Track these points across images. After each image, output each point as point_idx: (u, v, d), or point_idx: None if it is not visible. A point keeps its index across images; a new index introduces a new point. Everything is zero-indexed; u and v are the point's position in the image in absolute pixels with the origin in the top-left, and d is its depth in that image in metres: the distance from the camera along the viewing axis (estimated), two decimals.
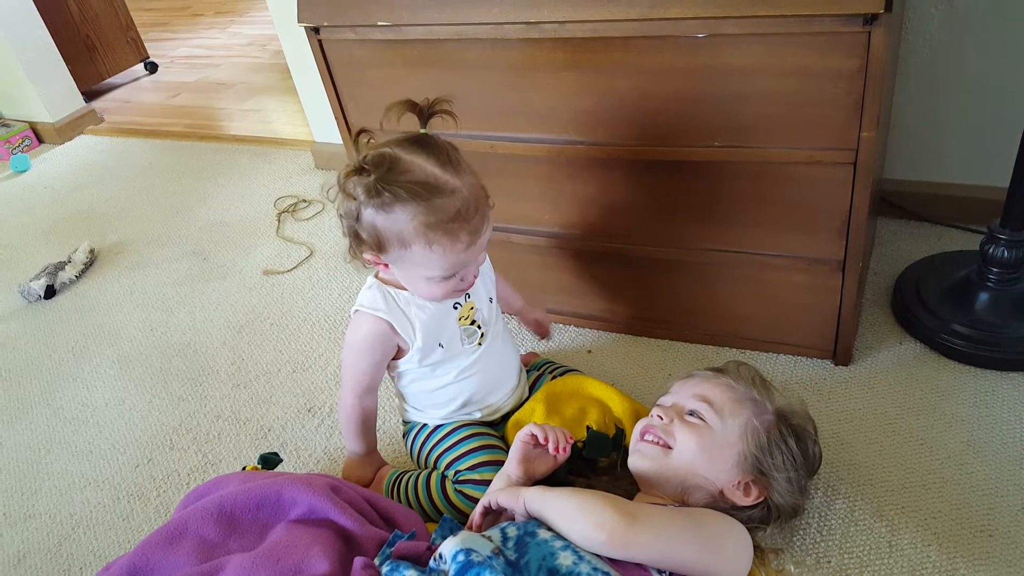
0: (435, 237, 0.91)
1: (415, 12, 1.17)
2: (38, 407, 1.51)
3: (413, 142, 0.93)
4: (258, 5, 4.01)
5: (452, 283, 0.98)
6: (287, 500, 0.93)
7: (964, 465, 1.08)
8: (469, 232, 0.92)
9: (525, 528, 0.84)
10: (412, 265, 0.96)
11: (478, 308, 1.09)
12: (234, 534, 0.92)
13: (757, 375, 1.01)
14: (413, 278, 0.99)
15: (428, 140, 0.94)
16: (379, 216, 0.91)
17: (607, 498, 0.84)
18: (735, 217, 1.18)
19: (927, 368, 1.23)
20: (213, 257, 1.90)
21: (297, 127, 2.52)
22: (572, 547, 0.80)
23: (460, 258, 0.94)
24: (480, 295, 1.10)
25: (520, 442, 0.99)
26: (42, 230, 2.16)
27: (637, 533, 0.80)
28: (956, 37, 1.36)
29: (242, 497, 0.94)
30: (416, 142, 0.93)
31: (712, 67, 1.05)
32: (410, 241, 0.92)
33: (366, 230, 0.93)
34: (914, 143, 1.50)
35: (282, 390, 1.44)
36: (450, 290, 0.99)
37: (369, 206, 0.91)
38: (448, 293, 1.00)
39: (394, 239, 0.92)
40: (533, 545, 0.81)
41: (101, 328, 1.70)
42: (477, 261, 1.00)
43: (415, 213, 0.89)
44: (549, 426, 1.00)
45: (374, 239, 0.93)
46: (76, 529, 1.23)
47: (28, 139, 2.71)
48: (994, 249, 1.22)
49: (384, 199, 0.89)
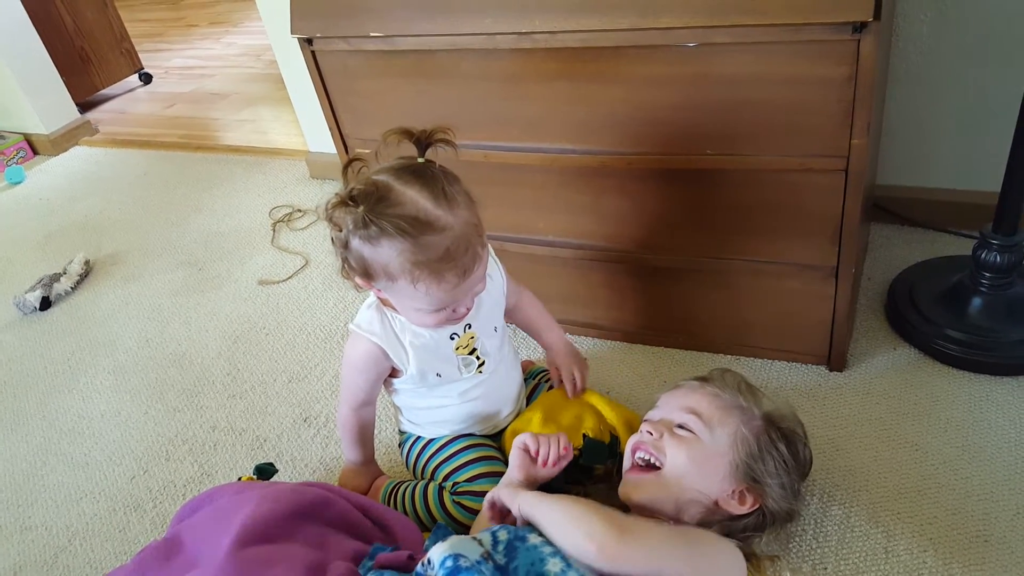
0: (420, 276, 0.88)
1: (407, 23, 1.18)
2: (34, 419, 1.50)
3: (409, 171, 0.90)
4: (252, 16, 4.02)
5: (444, 315, 0.96)
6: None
7: (959, 470, 1.08)
8: (457, 273, 0.89)
9: (516, 533, 0.84)
10: (400, 296, 0.95)
11: (479, 338, 1.06)
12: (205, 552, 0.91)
13: (743, 381, 1.01)
14: (403, 307, 0.98)
15: (425, 171, 0.90)
16: (366, 248, 0.89)
17: (599, 510, 0.83)
18: (728, 225, 1.18)
19: (921, 373, 1.24)
20: (208, 267, 1.90)
21: (291, 137, 2.53)
22: (561, 554, 0.80)
23: (448, 296, 0.92)
24: (483, 325, 1.06)
25: (517, 450, 0.99)
26: (37, 241, 2.16)
27: (628, 547, 0.79)
28: (946, 43, 1.37)
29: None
30: (412, 172, 0.90)
31: (703, 76, 1.05)
32: (396, 276, 0.89)
33: (354, 259, 0.91)
34: (906, 149, 1.51)
35: (278, 400, 1.44)
36: (442, 320, 0.97)
37: (356, 236, 0.88)
38: (440, 323, 0.98)
39: (380, 271, 0.90)
40: (523, 550, 0.81)
41: (96, 339, 1.70)
42: (470, 295, 0.97)
43: (401, 250, 0.87)
44: (544, 436, 1.00)
45: (361, 268, 0.91)
46: (72, 541, 1.22)
47: (23, 151, 2.71)
48: (986, 254, 1.22)
49: (371, 232, 0.86)
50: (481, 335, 1.06)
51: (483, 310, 1.05)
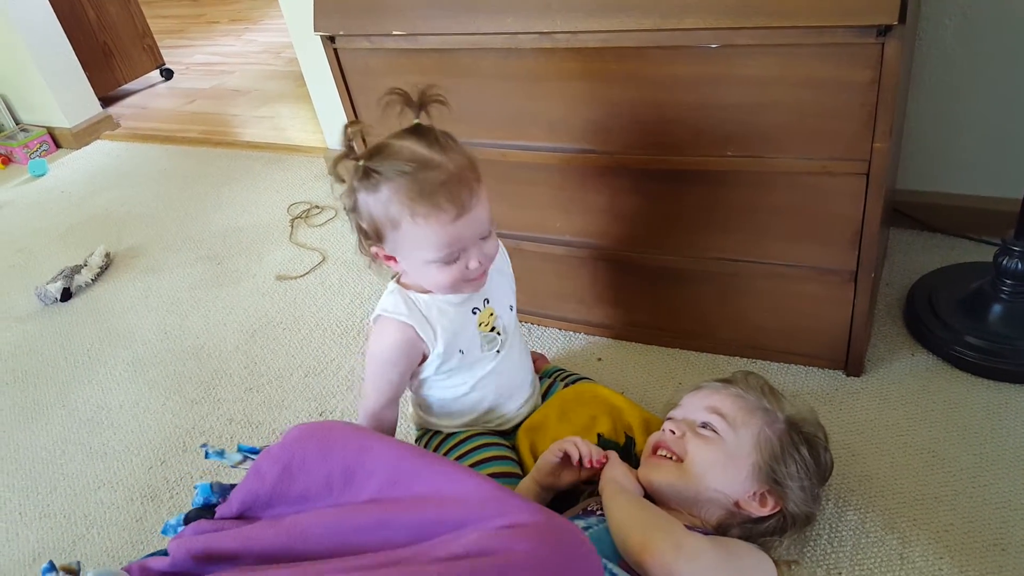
0: (417, 209, 0.90)
1: (429, 22, 1.18)
2: (54, 408, 1.52)
3: (406, 131, 0.95)
4: (272, 13, 4.04)
5: (457, 269, 0.96)
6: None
7: (976, 478, 1.07)
8: (452, 202, 0.90)
9: None
10: (409, 248, 0.95)
11: (498, 315, 1.09)
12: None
13: (766, 384, 1.01)
14: (416, 266, 0.97)
15: (420, 127, 0.95)
16: (370, 199, 0.93)
17: (661, 521, 0.85)
18: (747, 227, 1.18)
19: (939, 380, 1.23)
20: (227, 262, 1.91)
21: (310, 134, 2.54)
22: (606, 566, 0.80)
23: (448, 231, 0.92)
24: (500, 301, 1.09)
25: (551, 456, 1.00)
26: (59, 234, 2.19)
27: (680, 564, 0.80)
28: (969, 47, 1.36)
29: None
30: (408, 131, 0.94)
31: (725, 77, 1.05)
32: (398, 219, 0.92)
33: (364, 219, 0.95)
34: (927, 154, 1.50)
35: (294, 394, 1.45)
36: (457, 278, 0.97)
37: (360, 190, 0.93)
38: (455, 281, 0.97)
39: (385, 221, 0.93)
40: None
41: (116, 331, 1.72)
42: (480, 249, 0.97)
43: (398, 187, 0.90)
44: (580, 440, 1.00)
45: (372, 227, 0.95)
46: (90, 529, 1.24)
47: (46, 144, 2.74)
48: (1008, 261, 1.21)
49: (372, 180, 0.91)
50: (499, 311, 1.09)
51: (496, 285, 1.07)
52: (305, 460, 0.92)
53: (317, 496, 0.91)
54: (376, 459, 0.88)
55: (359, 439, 0.91)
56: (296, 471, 0.92)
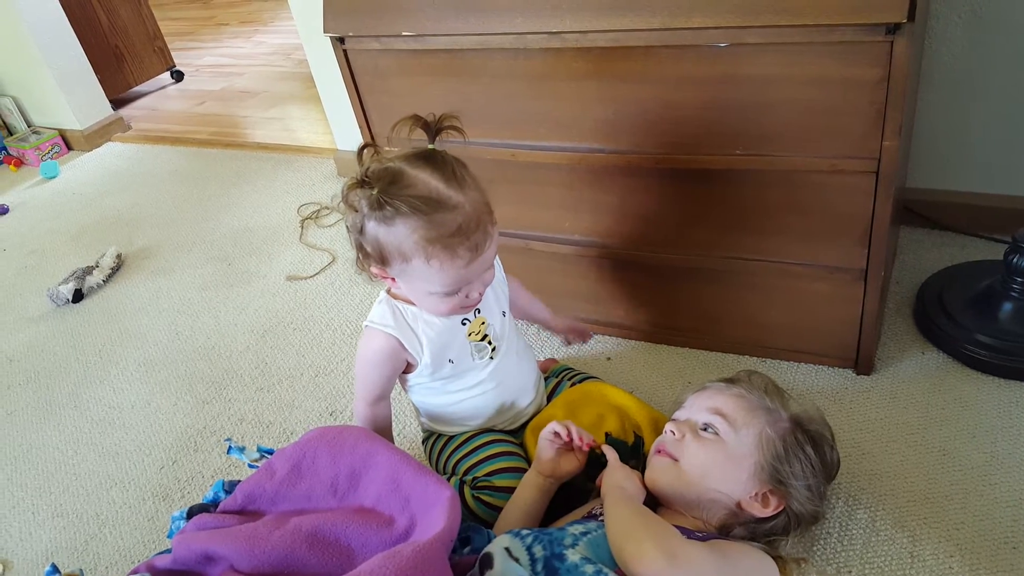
0: (433, 252, 0.90)
1: (439, 22, 1.19)
2: (66, 408, 1.53)
3: (420, 157, 0.92)
4: (282, 15, 4.06)
5: (457, 300, 0.97)
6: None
7: (987, 476, 1.07)
8: (469, 248, 0.91)
9: (552, 550, 0.84)
10: (414, 279, 0.95)
11: (490, 323, 1.08)
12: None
13: (770, 383, 1.01)
14: (418, 292, 0.98)
15: (435, 155, 0.93)
16: (381, 229, 0.91)
17: (655, 533, 0.82)
18: (756, 225, 1.18)
19: (950, 378, 1.22)
20: (237, 263, 1.92)
21: (320, 135, 2.56)
22: (603, 572, 0.80)
23: (460, 274, 0.93)
24: (492, 310, 1.09)
25: (545, 441, 1.00)
26: (70, 235, 2.21)
27: (673, 573, 0.79)
28: (980, 45, 1.36)
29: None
30: (423, 157, 0.92)
31: (734, 76, 1.05)
32: (410, 255, 0.91)
33: (369, 243, 0.93)
34: (937, 152, 1.49)
35: (304, 394, 1.45)
36: (455, 306, 0.98)
37: (372, 219, 0.90)
38: (454, 309, 0.99)
39: (395, 253, 0.92)
40: (563, 571, 0.80)
41: (127, 331, 1.73)
42: (482, 279, 0.98)
43: (415, 227, 0.89)
44: (569, 422, 1.01)
45: (377, 252, 0.93)
46: (103, 528, 1.25)
47: (57, 146, 2.76)
48: (1018, 259, 1.21)
49: (386, 212, 0.89)
50: (491, 320, 1.08)
51: (489, 295, 1.07)
52: (315, 461, 0.96)
53: (320, 497, 0.94)
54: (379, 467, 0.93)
55: (368, 445, 0.95)
56: (305, 470, 0.96)
